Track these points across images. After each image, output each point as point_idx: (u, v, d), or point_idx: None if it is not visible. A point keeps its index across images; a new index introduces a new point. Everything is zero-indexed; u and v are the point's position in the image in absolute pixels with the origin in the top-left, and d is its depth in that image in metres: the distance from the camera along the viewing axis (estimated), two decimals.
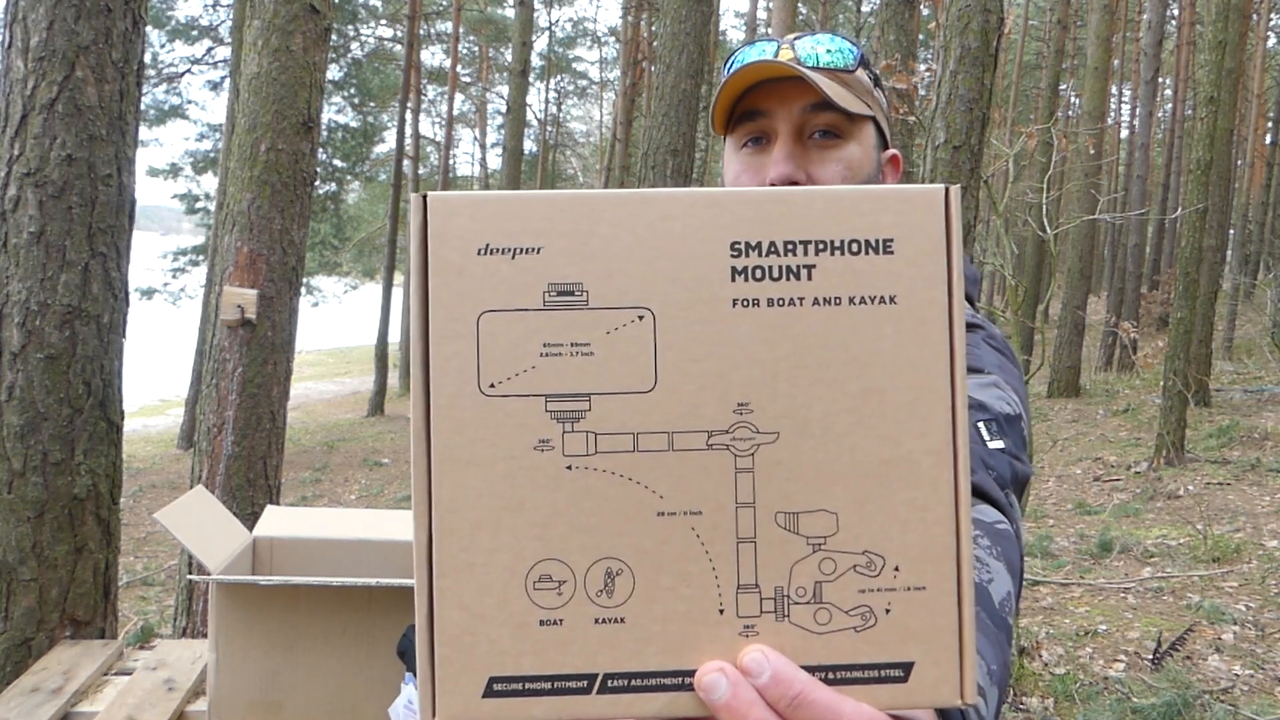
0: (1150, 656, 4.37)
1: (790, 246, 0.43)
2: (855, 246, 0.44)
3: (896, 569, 0.43)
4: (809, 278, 0.43)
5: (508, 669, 0.42)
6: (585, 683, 0.42)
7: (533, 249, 0.43)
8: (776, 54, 0.97)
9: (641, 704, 0.43)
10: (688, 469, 0.43)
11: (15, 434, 2.45)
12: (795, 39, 0.99)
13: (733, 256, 0.43)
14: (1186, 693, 3.80)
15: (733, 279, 0.43)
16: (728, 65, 1.02)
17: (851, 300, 0.43)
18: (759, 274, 0.43)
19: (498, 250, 0.43)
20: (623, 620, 0.43)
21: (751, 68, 0.94)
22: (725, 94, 0.97)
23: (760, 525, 0.43)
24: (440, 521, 0.42)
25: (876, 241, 0.44)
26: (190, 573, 3.79)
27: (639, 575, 0.43)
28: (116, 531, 2.68)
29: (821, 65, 0.96)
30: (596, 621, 0.43)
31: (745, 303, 0.43)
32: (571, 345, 0.43)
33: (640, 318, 0.43)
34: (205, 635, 3.14)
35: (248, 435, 3.87)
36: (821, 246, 0.43)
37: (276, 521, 2.07)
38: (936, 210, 0.44)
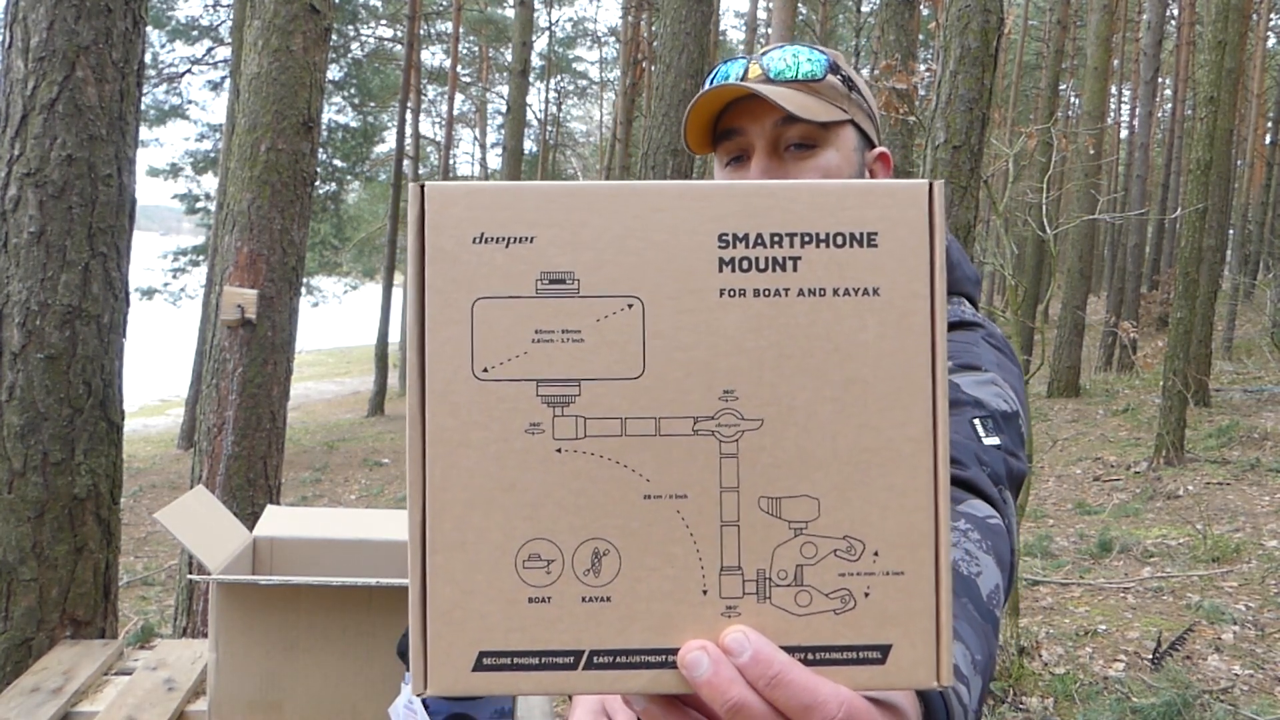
0: (1150, 656, 4.37)
1: (776, 238, 0.44)
2: (840, 239, 0.44)
3: (876, 554, 0.44)
4: (794, 269, 0.44)
5: (497, 644, 0.44)
6: (571, 659, 0.44)
7: (526, 238, 0.44)
8: (745, 71, 1.00)
9: (625, 680, 0.44)
10: (674, 454, 0.44)
11: (15, 434, 2.45)
12: (764, 54, 1.02)
13: (720, 248, 0.44)
14: (1186, 693, 3.80)
15: (720, 270, 0.44)
16: (707, 81, 1.05)
17: (836, 292, 0.44)
18: (745, 265, 0.44)
19: (492, 239, 0.44)
20: (609, 599, 0.44)
21: (714, 92, 0.98)
22: (696, 116, 1.00)
23: (744, 509, 0.44)
24: (433, 501, 0.43)
25: (861, 235, 0.44)
26: (190, 573, 3.79)
27: (625, 556, 0.44)
28: (117, 531, 2.68)
29: (790, 78, 0.98)
30: (583, 600, 0.44)
31: (732, 293, 0.44)
32: (562, 332, 0.44)
33: (629, 306, 0.44)
34: (205, 635, 3.14)
35: (248, 435, 3.88)
36: (807, 239, 0.44)
37: (276, 521, 2.07)
38: (920, 205, 0.45)
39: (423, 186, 0.44)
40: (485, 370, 0.44)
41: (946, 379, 0.44)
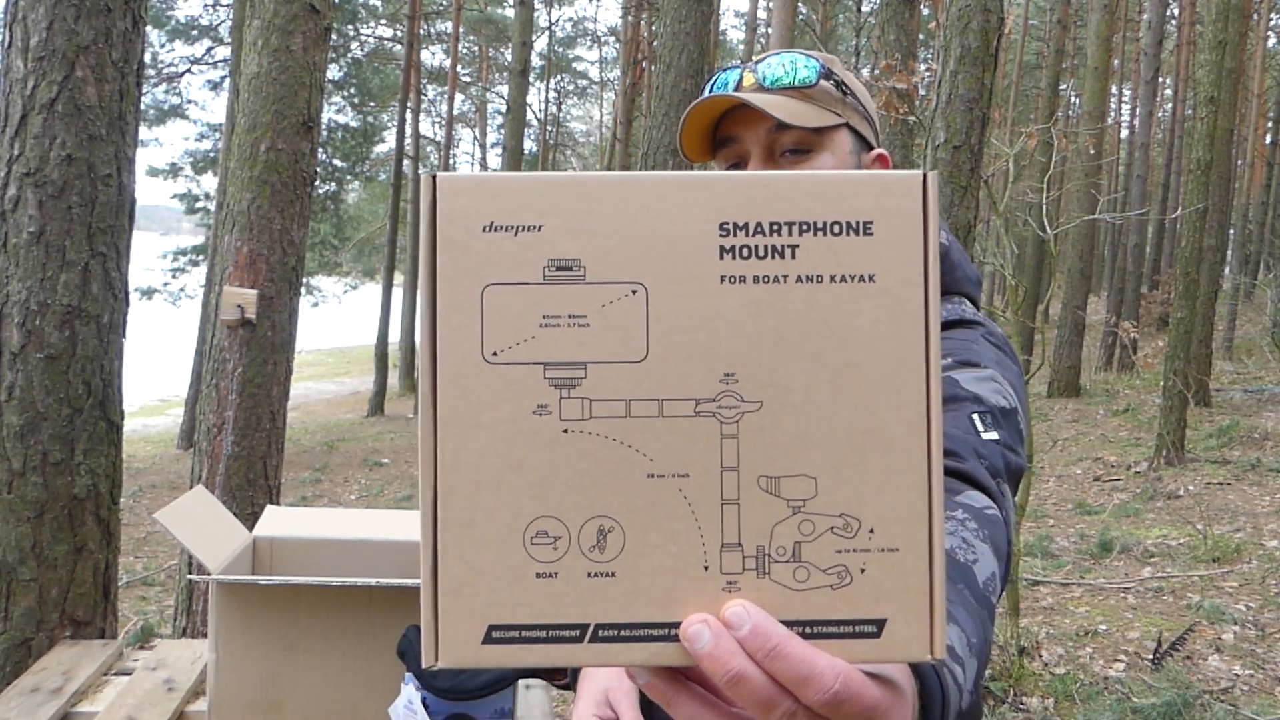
0: (1150, 656, 4.37)
1: (775, 227, 0.46)
2: (837, 228, 0.46)
3: (871, 531, 0.45)
4: (793, 257, 0.46)
5: (505, 618, 0.45)
6: (577, 632, 0.45)
7: (534, 226, 0.45)
8: (740, 80, 1.04)
9: (630, 653, 0.45)
10: (676, 434, 0.45)
11: (15, 434, 2.45)
12: (758, 62, 1.05)
13: (721, 236, 0.45)
14: (1186, 693, 3.80)
15: (721, 257, 0.45)
16: (705, 87, 1.09)
17: (833, 278, 0.46)
18: (746, 253, 0.45)
19: (501, 227, 0.45)
20: (613, 574, 0.45)
21: (707, 102, 1.01)
22: (691, 125, 1.04)
23: (744, 488, 0.45)
24: (444, 480, 0.45)
25: (857, 224, 0.46)
26: (190, 573, 3.79)
27: (629, 533, 0.45)
28: (116, 531, 2.67)
29: (785, 84, 1.02)
30: (589, 575, 0.45)
31: (732, 279, 0.45)
32: (569, 317, 0.45)
33: (634, 292, 0.45)
34: (205, 635, 3.14)
35: (248, 435, 3.87)
36: (805, 227, 0.46)
37: (276, 521, 2.07)
38: (914, 195, 0.46)
39: (434, 177, 0.45)
40: (495, 354, 0.45)
41: (940, 363, 0.46)
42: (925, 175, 0.46)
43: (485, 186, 0.45)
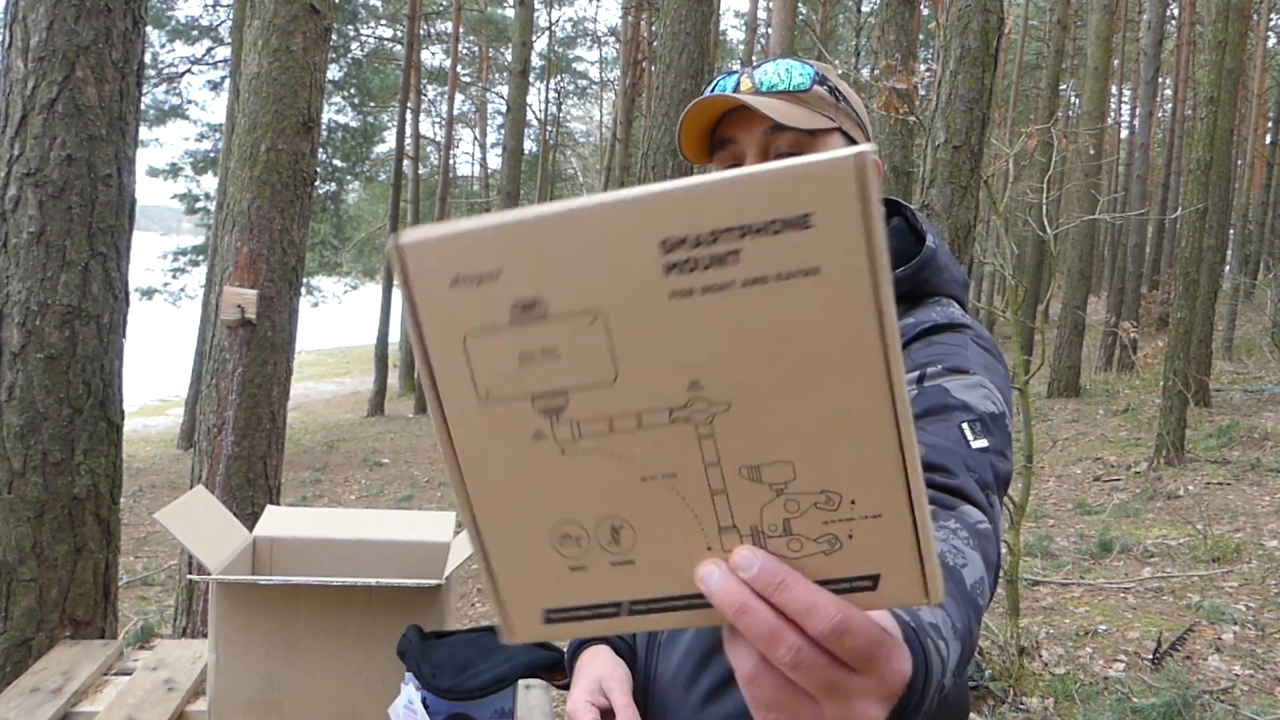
0: (1150, 656, 4.37)
1: (714, 236, 0.46)
2: (776, 226, 0.46)
3: (853, 502, 0.48)
4: (736, 262, 0.46)
5: (555, 604, 0.53)
6: (615, 609, 0.52)
7: (493, 274, 0.47)
8: (737, 84, 1.09)
9: (664, 620, 0.52)
10: (657, 441, 0.49)
11: (15, 434, 2.45)
12: (754, 68, 1.10)
13: (664, 254, 0.47)
14: (1186, 693, 3.80)
15: (666, 274, 0.47)
16: (704, 91, 1.12)
17: (778, 276, 0.46)
18: (690, 266, 0.46)
19: (465, 279, 0.48)
20: (633, 562, 0.51)
21: (705, 103, 1.05)
22: (689, 127, 1.08)
23: (728, 479, 0.49)
24: (476, 503, 0.51)
25: (795, 218, 0.46)
26: (190, 573, 3.79)
27: (637, 528, 0.51)
28: (116, 531, 2.68)
29: (781, 89, 1.06)
30: (612, 565, 0.51)
31: (681, 294, 0.47)
32: (542, 352, 0.48)
33: (593, 321, 0.47)
34: (205, 635, 3.14)
35: (248, 435, 3.87)
36: (745, 230, 0.46)
37: (276, 521, 2.07)
38: (848, 179, 0.45)
39: (399, 247, 0.48)
40: (487, 394, 0.49)
41: (898, 338, 0.46)
42: (856, 156, 0.45)
43: (445, 244, 0.47)
